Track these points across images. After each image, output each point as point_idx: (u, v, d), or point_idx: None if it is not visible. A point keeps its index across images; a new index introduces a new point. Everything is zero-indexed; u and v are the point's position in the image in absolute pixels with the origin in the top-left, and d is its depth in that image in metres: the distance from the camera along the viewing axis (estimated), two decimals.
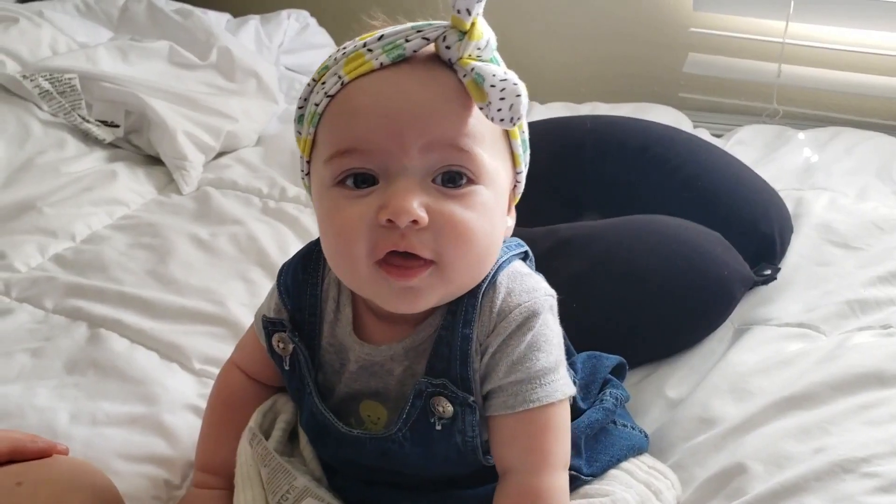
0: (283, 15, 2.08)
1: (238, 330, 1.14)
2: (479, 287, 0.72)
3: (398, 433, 0.73)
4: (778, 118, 1.94)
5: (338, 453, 0.79)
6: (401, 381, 0.74)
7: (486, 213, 0.68)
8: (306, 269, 0.79)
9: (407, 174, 0.65)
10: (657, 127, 1.39)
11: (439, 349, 0.72)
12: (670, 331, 1.09)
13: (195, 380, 1.08)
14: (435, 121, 0.65)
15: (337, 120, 0.68)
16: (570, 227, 1.18)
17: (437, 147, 0.65)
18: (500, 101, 0.63)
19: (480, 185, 0.67)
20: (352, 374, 0.76)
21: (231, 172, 1.59)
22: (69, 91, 1.59)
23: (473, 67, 0.64)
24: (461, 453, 0.74)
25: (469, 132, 0.66)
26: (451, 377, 0.71)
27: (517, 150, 0.73)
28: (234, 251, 1.34)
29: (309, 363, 0.77)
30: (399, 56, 0.66)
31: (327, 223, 0.69)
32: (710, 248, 1.12)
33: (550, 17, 2.17)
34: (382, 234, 0.65)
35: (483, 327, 0.71)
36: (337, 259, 0.70)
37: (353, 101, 0.67)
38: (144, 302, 1.19)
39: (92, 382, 1.04)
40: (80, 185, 1.48)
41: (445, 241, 0.66)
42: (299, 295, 0.78)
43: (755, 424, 0.89)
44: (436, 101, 0.66)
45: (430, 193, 0.66)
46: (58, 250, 1.34)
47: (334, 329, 0.77)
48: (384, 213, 0.64)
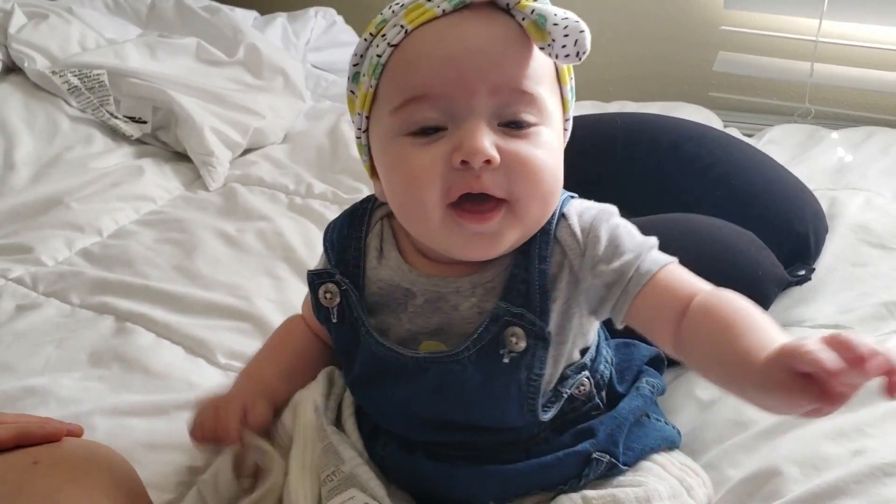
0: (310, 13, 2.09)
1: (264, 325, 1.14)
2: (548, 223, 0.73)
3: (465, 353, 0.73)
4: (810, 118, 1.91)
5: (392, 395, 0.77)
6: (466, 318, 0.74)
7: (551, 150, 0.70)
8: (351, 225, 0.81)
9: (475, 116, 0.67)
10: (689, 124, 1.37)
11: (514, 285, 0.73)
12: None
13: (221, 373, 1.07)
14: (499, 63, 0.67)
15: (402, 68, 0.69)
16: None
17: (502, 90, 0.67)
18: (564, 37, 0.65)
19: (543, 125, 0.70)
20: (416, 310, 0.76)
21: (258, 169, 1.59)
22: (97, 87, 1.60)
23: (533, 9, 0.66)
24: (521, 393, 0.73)
25: (531, 74, 0.68)
26: (530, 308, 0.72)
27: (566, 94, 0.75)
28: (261, 247, 1.34)
29: (359, 300, 0.77)
30: (460, 3, 0.68)
31: (397, 171, 0.70)
32: (743, 247, 1.10)
33: (579, 16, 2.15)
34: (456, 177, 0.67)
35: (573, 252, 0.73)
36: (408, 207, 0.71)
37: (418, 49, 0.68)
38: (171, 296, 1.19)
39: (116, 375, 1.04)
40: (108, 180, 1.49)
41: (517, 179, 0.67)
42: (344, 249, 0.80)
43: (790, 426, 0.87)
44: (498, 44, 0.67)
45: (498, 134, 0.67)
46: (85, 245, 1.35)
47: (378, 274, 0.78)
48: (458, 155, 0.66)
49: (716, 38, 2.01)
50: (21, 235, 1.34)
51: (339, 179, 1.54)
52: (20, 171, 1.49)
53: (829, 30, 1.86)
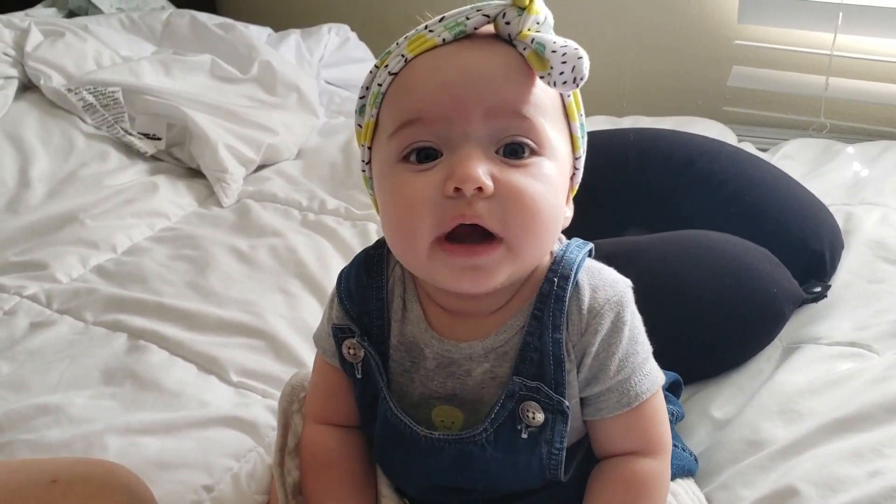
0: (323, 29, 2.09)
1: (276, 342, 1.14)
2: (562, 289, 0.71)
3: (482, 434, 0.71)
4: (825, 132, 1.89)
5: (410, 467, 0.76)
6: (480, 384, 0.72)
7: (550, 184, 0.67)
8: (369, 272, 0.77)
9: (470, 142, 0.65)
10: (702, 140, 1.36)
11: (527, 354, 0.70)
12: (717, 349, 1.06)
13: (233, 391, 1.07)
14: (496, 87, 0.65)
15: (399, 94, 0.69)
16: (614, 242, 1.15)
17: (499, 114, 0.65)
18: (561, 64, 0.63)
19: (543, 156, 0.67)
20: (427, 373, 0.74)
21: (271, 185, 1.60)
22: (112, 104, 1.61)
23: (533, 38, 0.65)
24: (542, 466, 0.72)
25: (532, 101, 0.66)
26: (545, 381, 0.70)
27: (576, 132, 0.72)
28: (274, 263, 1.34)
29: (379, 364, 0.75)
30: (460, 33, 0.67)
31: (391, 199, 0.68)
32: (758, 264, 1.09)
33: (592, 31, 2.16)
34: (449, 206, 0.64)
35: (574, 328, 0.71)
36: (399, 236, 0.69)
37: (416, 75, 0.68)
38: (183, 314, 1.20)
39: (129, 393, 1.05)
40: (122, 197, 1.50)
41: (512, 211, 0.65)
42: (364, 299, 0.76)
43: (806, 446, 0.86)
44: (496, 70, 0.66)
45: (494, 163, 0.65)
46: (99, 261, 1.35)
47: (403, 327, 0.75)
48: (450, 183, 0.64)
49: (730, 53, 2.00)
50: (36, 252, 1.34)
51: (353, 195, 1.54)
52: (35, 188, 1.49)
53: (843, 43, 1.84)
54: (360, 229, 1.44)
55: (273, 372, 1.09)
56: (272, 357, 1.13)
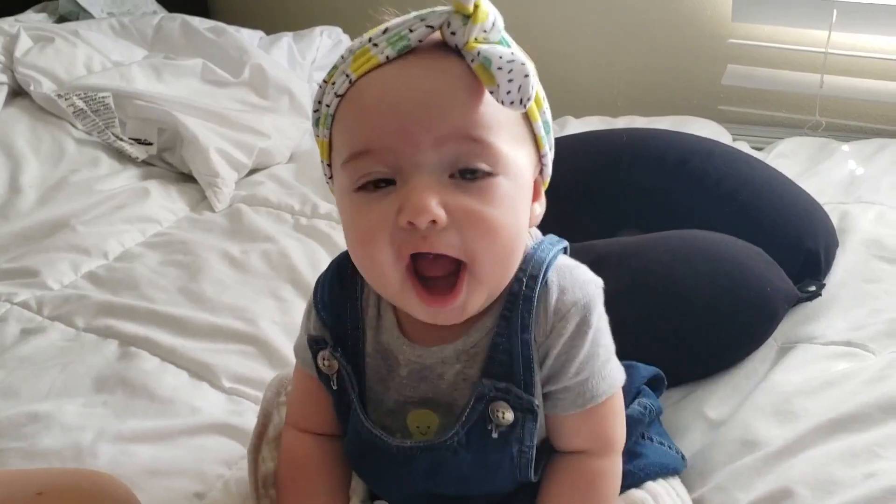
0: (315, 32, 2.08)
1: (268, 348, 1.14)
2: (531, 289, 0.70)
3: (454, 438, 0.71)
4: (820, 130, 1.89)
5: (383, 477, 0.76)
6: (452, 386, 0.72)
7: (507, 205, 0.65)
8: (343, 282, 0.76)
9: (421, 172, 0.63)
10: (696, 140, 1.36)
11: (496, 355, 0.70)
12: (711, 349, 1.05)
13: (225, 398, 1.07)
14: (444, 113, 0.63)
15: (348, 120, 0.67)
16: (607, 243, 1.15)
17: (449, 140, 0.63)
18: (508, 83, 0.60)
19: (499, 175, 0.65)
20: (401, 380, 0.74)
21: (263, 189, 1.59)
22: (103, 109, 1.60)
23: (480, 51, 0.61)
24: (513, 465, 0.72)
25: (482, 121, 0.63)
26: (514, 382, 0.70)
27: (539, 132, 0.70)
28: (266, 268, 1.33)
29: (351, 376, 0.75)
30: (405, 47, 0.64)
31: (350, 230, 0.68)
32: (752, 264, 1.09)
33: (586, 30, 2.15)
34: (405, 238, 0.64)
35: (540, 328, 0.70)
36: (365, 265, 0.68)
37: (362, 100, 0.65)
38: (175, 320, 1.19)
39: (120, 401, 1.04)
40: (114, 202, 1.49)
41: (470, 238, 0.64)
42: (339, 309, 0.76)
43: (801, 447, 0.86)
44: (444, 91, 0.63)
45: (447, 189, 0.63)
46: (91, 268, 1.35)
47: (378, 335, 0.75)
48: (403, 216, 0.62)
49: (724, 52, 1.99)
50: (27, 259, 1.34)
51: None
52: (26, 194, 1.49)
53: (838, 41, 1.83)
54: None
55: (265, 378, 1.05)
56: (265, 363, 1.12)
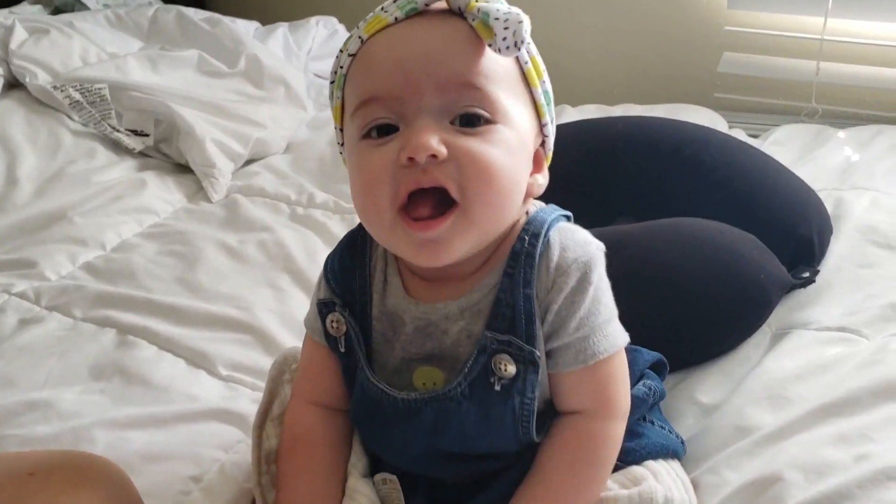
0: (311, 22, 2.09)
1: (265, 337, 1.15)
2: (533, 247, 0.72)
3: (457, 389, 0.73)
4: (817, 117, 1.89)
5: (389, 435, 0.77)
6: (456, 342, 0.74)
7: (507, 149, 0.69)
8: (353, 255, 0.80)
9: (423, 115, 0.67)
10: (691, 127, 1.36)
11: (499, 310, 0.72)
12: (705, 336, 1.06)
13: (222, 385, 1.07)
14: (446, 60, 0.68)
15: (357, 75, 0.71)
16: (602, 231, 1.09)
17: (450, 87, 0.67)
18: (504, 30, 0.65)
19: (499, 124, 0.69)
20: (407, 337, 0.76)
21: (260, 180, 1.59)
22: (99, 101, 1.61)
23: (479, 8, 0.67)
24: (515, 419, 0.73)
25: (482, 71, 0.68)
26: (516, 334, 0.72)
27: (539, 99, 0.74)
28: (263, 258, 1.34)
29: (359, 335, 0.77)
30: (412, 10, 0.70)
31: (354, 174, 0.71)
32: (745, 251, 1.09)
33: (582, 19, 2.15)
34: (405, 175, 0.67)
35: (542, 284, 0.72)
36: (364, 210, 0.71)
37: (371, 55, 0.70)
38: (172, 309, 1.20)
39: (117, 388, 1.05)
40: (111, 194, 1.49)
41: (467, 174, 0.67)
42: (348, 279, 0.79)
43: (793, 432, 0.86)
44: (446, 43, 0.68)
45: (448, 132, 0.67)
46: (88, 258, 1.35)
47: (384, 299, 0.77)
48: (404, 153, 0.66)
49: (720, 39, 2.00)
50: (25, 250, 1.34)
51: (341, 189, 1.53)
52: (23, 186, 1.49)
53: (834, 27, 1.83)
54: (350, 223, 1.43)
55: (262, 366, 1.08)
56: (261, 351, 1.13)
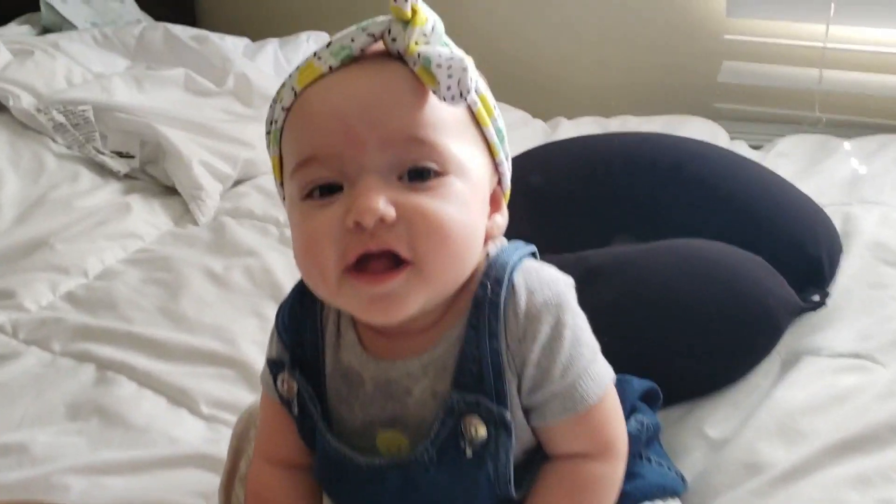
0: (302, 38, 2.08)
1: (248, 371, 1.11)
2: (496, 294, 0.67)
3: (424, 455, 0.68)
4: (820, 126, 1.87)
5: (357, 495, 0.73)
6: (421, 403, 0.69)
7: (459, 203, 0.64)
8: (303, 304, 0.74)
9: (368, 173, 0.62)
10: (690, 143, 1.32)
11: (465, 365, 0.67)
12: (711, 364, 1.02)
13: (204, 425, 1.05)
14: (387, 113, 0.62)
15: (293, 130, 0.66)
16: (600, 253, 1.11)
17: (394, 142, 0.62)
18: (447, 78, 0.60)
19: (450, 175, 0.64)
20: (367, 397, 0.70)
21: (248, 201, 1.57)
22: (83, 123, 1.59)
23: (420, 53, 0.61)
24: (491, 485, 0.69)
25: (427, 121, 0.63)
26: (485, 392, 0.66)
27: (491, 138, 0.69)
28: (248, 285, 1.31)
29: (312, 397, 0.72)
30: (347, 56, 0.64)
31: (297, 236, 0.66)
32: (752, 273, 1.05)
33: (578, 29, 2.13)
34: (352, 239, 0.62)
35: (511, 334, 0.67)
36: (308, 272, 0.66)
37: (306, 108, 0.65)
38: (154, 343, 1.17)
39: (95, 429, 1.01)
40: (94, 219, 1.47)
41: (419, 235, 0.62)
42: (299, 331, 0.74)
43: (808, 471, 0.81)
44: (387, 93, 0.63)
45: (396, 189, 0.62)
46: (70, 287, 1.32)
47: (338, 353, 0.72)
48: (350, 217, 0.61)
49: (719, 48, 1.98)
50: (4, 280, 1.31)
51: None
52: (4, 212, 1.46)
53: (837, 34, 1.82)
54: None
55: (245, 402, 1.03)
56: (244, 386, 1.09)
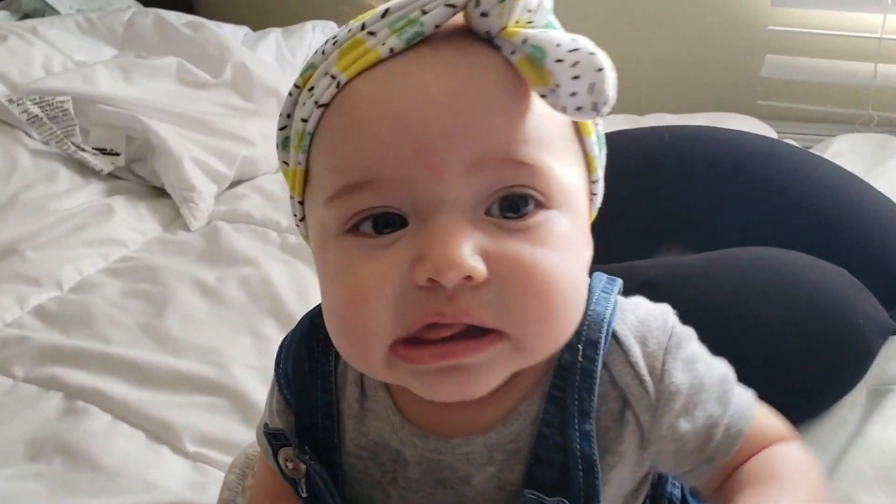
0: (307, 27, 2.01)
1: (243, 401, 0.99)
2: (591, 361, 0.52)
3: None
4: (873, 126, 1.77)
5: None
6: (482, 495, 0.54)
7: (567, 248, 0.48)
8: (312, 353, 0.58)
9: (447, 208, 0.46)
10: (752, 138, 1.19)
11: (544, 453, 0.52)
12: (791, 396, 0.86)
13: (189, 466, 0.92)
14: (478, 126, 0.46)
15: (336, 140, 0.49)
16: (655, 263, 0.99)
17: (486, 165, 0.46)
18: (573, 80, 0.44)
19: (554, 209, 0.48)
20: (409, 484, 0.55)
21: (246, 203, 1.45)
22: (61, 116, 1.48)
23: (526, 38, 0.45)
24: None
25: (530, 136, 0.47)
26: (571, 494, 0.52)
27: (591, 150, 0.53)
28: (245, 299, 1.18)
29: (329, 484, 0.56)
30: (416, 35, 0.47)
31: (334, 287, 0.49)
32: (838, 289, 0.92)
33: (602, 17, 2.04)
34: (419, 300, 0.45)
35: (639, 402, 0.52)
36: (345, 338, 0.49)
37: (358, 110, 0.47)
38: (133, 366, 1.04)
39: (57, 472, 0.89)
40: (72, 223, 1.35)
41: (518, 299, 0.46)
42: (306, 389, 0.58)
43: None
44: (477, 96, 0.46)
45: (485, 231, 0.46)
46: (40, 301, 1.20)
47: (363, 425, 0.56)
48: (422, 270, 0.45)
49: (763, 40, 1.89)
50: None
51: None
52: None
53: (894, 25, 1.73)
54: None
55: (237, 438, 0.93)
56: (237, 419, 0.96)
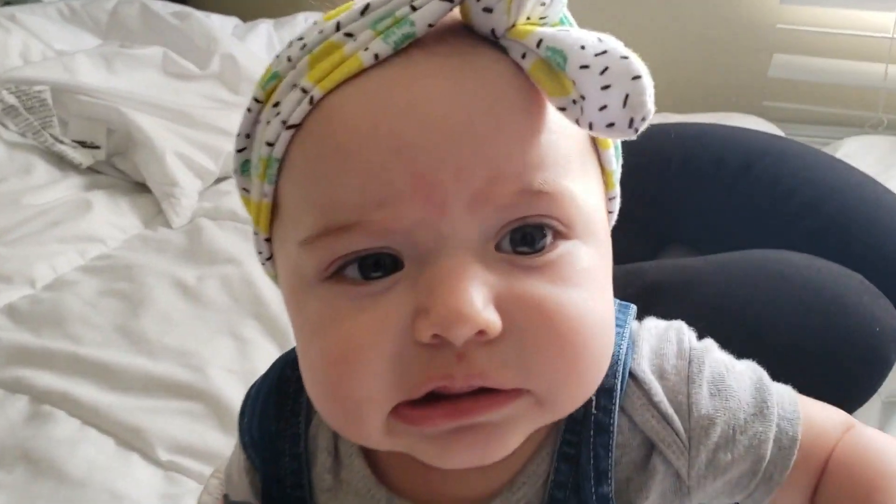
0: (299, 18, 1.97)
1: (220, 406, 0.95)
2: (606, 414, 0.45)
3: None
4: (882, 129, 1.74)
5: None
6: None
7: (592, 284, 0.40)
8: (281, 411, 0.50)
9: (451, 247, 0.37)
10: (762, 137, 1.15)
11: None
12: None
13: (160, 475, 0.88)
14: (488, 152, 0.37)
15: (313, 171, 0.39)
16: (659, 266, 0.95)
17: (497, 195, 0.37)
18: (602, 91, 0.35)
19: (574, 238, 0.39)
20: None
21: (231, 200, 1.40)
22: (38, 106, 1.44)
23: (542, 38, 0.36)
24: None
25: (546, 158, 0.38)
26: None
27: (609, 165, 0.44)
28: (225, 299, 1.14)
29: None
30: (406, 38, 0.38)
31: (317, 343, 0.40)
32: (853, 295, 0.88)
33: (607, 15, 1.96)
34: (422, 360, 0.37)
35: (671, 448, 0.45)
36: (332, 404, 0.40)
37: (339, 135, 0.38)
38: (105, 368, 1.00)
39: (20, 482, 0.85)
40: (47, 218, 1.31)
41: (541, 352, 0.38)
42: (274, 455, 0.49)
43: None
44: (484, 113, 0.37)
45: (496, 270, 0.38)
46: (11, 299, 1.15)
47: (338, 497, 0.48)
48: (425, 325, 0.36)
49: (770, 39, 1.86)
50: None
51: None
52: None
53: None
54: None
55: (214, 447, 0.89)
56: (214, 426, 0.92)
